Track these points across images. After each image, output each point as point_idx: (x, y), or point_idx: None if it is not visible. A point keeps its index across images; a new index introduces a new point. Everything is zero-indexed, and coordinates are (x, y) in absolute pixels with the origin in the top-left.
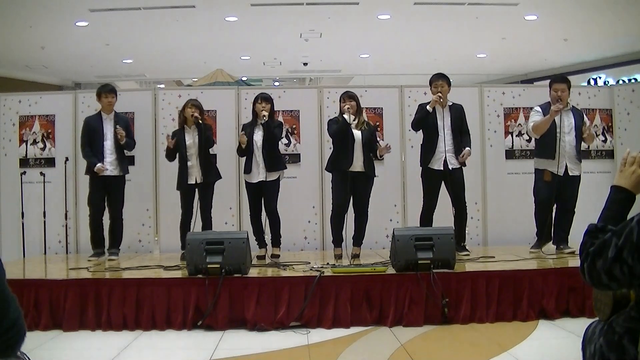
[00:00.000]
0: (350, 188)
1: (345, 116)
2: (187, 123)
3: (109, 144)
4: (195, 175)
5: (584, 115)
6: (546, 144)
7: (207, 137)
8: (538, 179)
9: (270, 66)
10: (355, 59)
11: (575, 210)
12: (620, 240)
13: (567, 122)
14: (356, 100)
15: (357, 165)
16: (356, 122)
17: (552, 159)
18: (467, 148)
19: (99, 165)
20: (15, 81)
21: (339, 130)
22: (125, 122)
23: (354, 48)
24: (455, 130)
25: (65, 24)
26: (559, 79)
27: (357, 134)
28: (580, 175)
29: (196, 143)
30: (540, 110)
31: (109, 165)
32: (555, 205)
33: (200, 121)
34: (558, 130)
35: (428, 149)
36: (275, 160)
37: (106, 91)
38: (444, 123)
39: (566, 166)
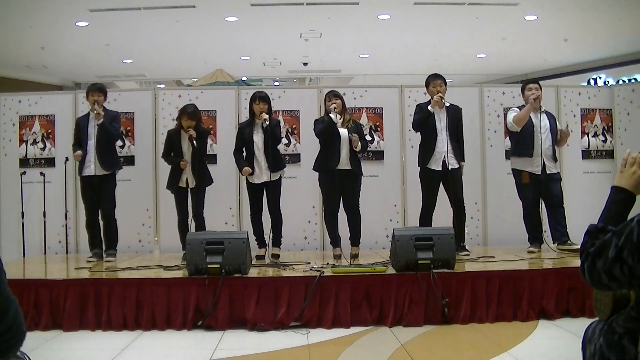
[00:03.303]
0: (339, 187)
1: (332, 115)
2: (184, 129)
3: (92, 143)
4: (186, 179)
5: (556, 119)
6: (524, 142)
7: (199, 151)
8: (517, 181)
9: (270, 66)
10: (355, 59)
11: (564, 205)
12: (621, 240)
13: (542, 124)
14: (341, 99)
15: (344, 163)
16: (342, 120)
17: (530, 157)
18: (462, 163)
19: (77, 152)
20: (15, 81)
21: (325, 130)
22: (111, 116)
23: (354, 48)
24: (453, 131)
25: (65, 24)
26: (531, 81)
27: (344, 132)
28: (559, 173)
29: (191, 149)
30: (517, 109)
31: (92, 165)
32: (545, 206)
33: (195, 140)
34: (535, 129)
35: (427, 149)
36: (278, 160)
37: (92, 90)
38: (442, 124)
39: (544, 164)
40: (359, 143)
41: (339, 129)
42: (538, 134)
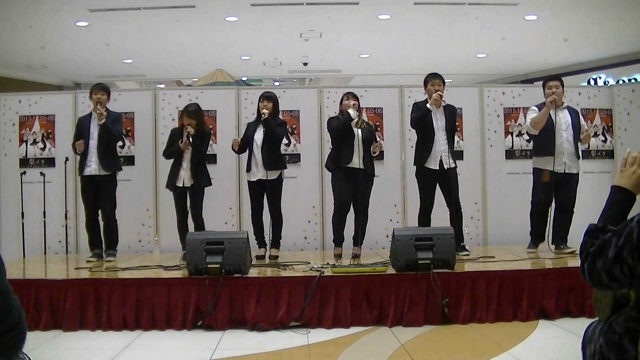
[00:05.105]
0: (352, 186)
1: (351, 111)
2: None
3: (93, 143)
4: (183, 178)
5: (580, 115)
6: (544, 141)
7: (199, 150)
8: (537, 179)
9: (270, 66)
10: (355, 59)
11: (574, 210)
12: (621, 240)
13: (564, 120)
14: (358, 101)
15: (357, 162)
16: (356, 120)
17: (551, 156)
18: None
19: (79, 141)
20: (15, 81)
21: (342, 125)
22: (114, 117)
23: (354, 48)
24: (450, 131)
25: (65, 24)
26: (552, 77)
27: (358, 131)
28: (578, 174)
29: (190, 148)
30: (536, 109)
31: (93, 164)
32: (554, 205)
33: (192, 140)
34: (555, 127)
35: (424, 148)
36: (275, 159)
37: (96, 88)
38: (440, 123)
39: (565, 163)
40: (379, 150)
41: (353, 128)
42: (559, 131)
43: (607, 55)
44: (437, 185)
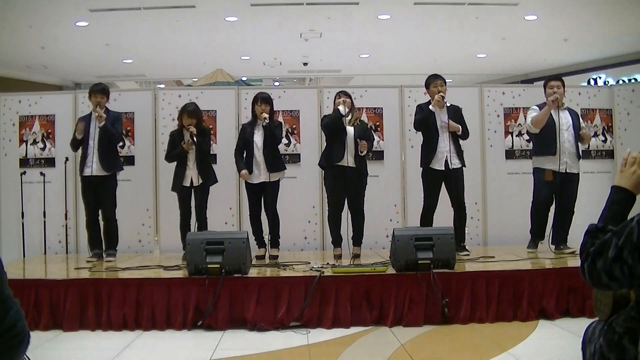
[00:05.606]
0: (344, 185)
1: (340, 107)
2: (185, 127)
3: (93, 144)
4: (191, 177)
5: (580, 117)
6: (546, 140)
7: (203, 149)
8: (538, 179)
9: (270, 66)
10: (355, 59)
11: (574, 210)
12: (621, 240)
13: (565, 120)
14: (350, 99)
15: (349, 160)
16: (349, 118)
17: (553, 155)
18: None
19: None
20: (15, 81)
21: (331, 122)
22: (113, 117)
23: (354, 48)
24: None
25: (65, 24)
26: (553, 77)
27: (350, 129)
28: (579, 174)
29: (194, 147)
30: (537, 108)
31: (93, 165)
32: (554, 205)
33: (195, 139)
34: (557, 127)
35: (429, 149)
36: (277, 161)
37: (95, 91)
38: (443, 124)
39: (566, 163)
40: (366, 150)
41: (346, 126)
42: (560, 131)
43: (607, 55)
44: (443, 185)
